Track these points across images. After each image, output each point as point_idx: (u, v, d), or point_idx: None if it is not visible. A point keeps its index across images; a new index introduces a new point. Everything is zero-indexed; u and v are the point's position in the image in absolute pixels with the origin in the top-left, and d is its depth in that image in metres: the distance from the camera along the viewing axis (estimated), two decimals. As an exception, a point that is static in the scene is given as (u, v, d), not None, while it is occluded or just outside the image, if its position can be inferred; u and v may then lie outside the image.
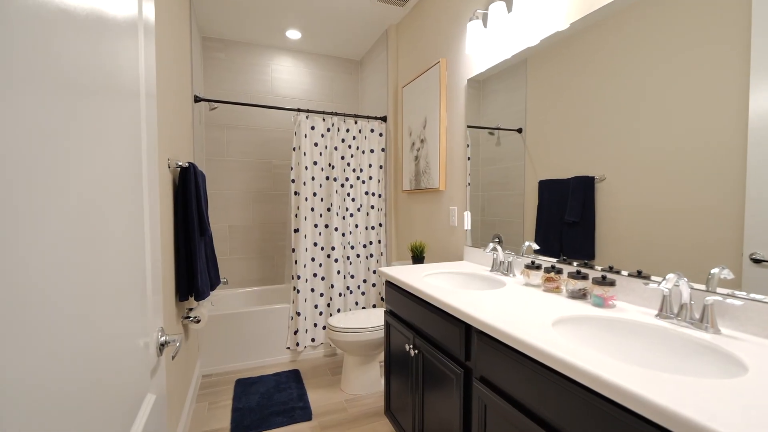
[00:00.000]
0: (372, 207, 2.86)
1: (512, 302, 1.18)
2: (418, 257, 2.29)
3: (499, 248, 1.63)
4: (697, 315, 0.96)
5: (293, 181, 2.65)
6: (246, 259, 3.23)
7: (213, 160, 3.11)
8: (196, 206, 1.77)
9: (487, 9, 1.83)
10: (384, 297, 2.84)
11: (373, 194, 2.86)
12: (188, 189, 1.73)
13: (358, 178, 2.84)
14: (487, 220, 1.85)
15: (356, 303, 2.86)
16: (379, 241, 2.91)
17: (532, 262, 1.43)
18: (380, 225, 2.91)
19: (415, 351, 1.44)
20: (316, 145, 2.68)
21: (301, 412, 2.00)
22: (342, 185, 2.80)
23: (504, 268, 1.62)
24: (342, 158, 2.79)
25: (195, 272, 1.74)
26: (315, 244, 2.70)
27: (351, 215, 2.82)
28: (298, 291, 2.63)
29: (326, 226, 2.75)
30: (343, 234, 2.80)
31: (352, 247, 2.83)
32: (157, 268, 0.79)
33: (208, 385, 2.34)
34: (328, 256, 2.75)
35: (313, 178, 2.68)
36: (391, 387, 1.73)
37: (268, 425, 1.90)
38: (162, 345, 0.77)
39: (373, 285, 2.90)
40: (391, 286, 1.71)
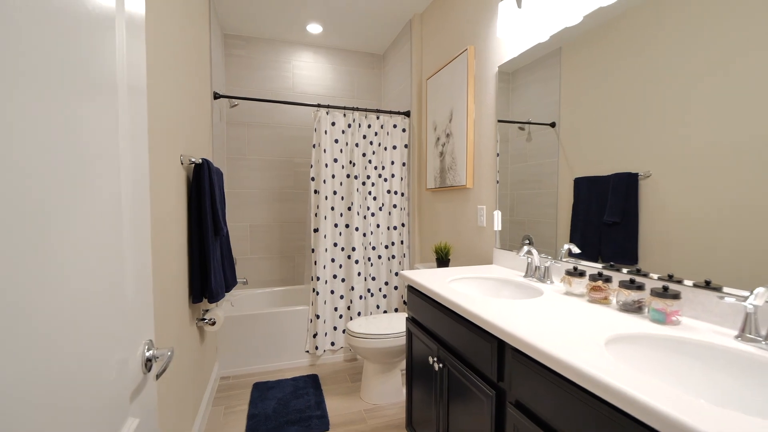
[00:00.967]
0: (394, 206, 2.74)
1: (553, 315, 1.02)
2: (443, 260, 2.14)
3: (534, 251, 1.46)
4: (794, 339, 0.77)
5: (313, 179, 2.56)
6: (266, 259, 3.18)
7: (234, 159, 3.07)
8: (210, 204, 1.70)
9: (521, -12, 1.66)
10: (406, 301, 2.70)
11: (396, 193, 2.74)
12: (202, 186, 1.66)
13: (380, 176, 2.72)
14: (517, 220, 1.70)
15: (377, 306, 2.74)
16: (402, 242, 2.77)
17: (574, 268, 1.25)
18: (403, 225, 2.77)
19: (440, 365, 1.30)
20: (337, 142, 2.58)
21: (318, 422, 1.90)
22: (363, 183, 2.69)
23: (540, 274, 1.45)
24: (363, 155, 2.68)
25: (208, 273, 1.67)
26: (335, 245, 2.61)
27: (372, 215, 2.70)
28: (318, 293, 2.54)
29: (347, 226, 2.65)
30: (364, 234, 2.68)
31: (374, 248, 2.71)
32: (145, 268, 0.70)
33: (226, 388, 2.28)
34: (349, 257, 2.65)
35: (334, 176, 2.59)
36: (413, 400, 1.60)
37: (284, 434, 1.81)
38: (149, 360, 0.68)
39: (395, 288, 2.77)
40: (414, 292, 1.57)
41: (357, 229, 2.63)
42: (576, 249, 1.38)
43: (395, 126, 2.72)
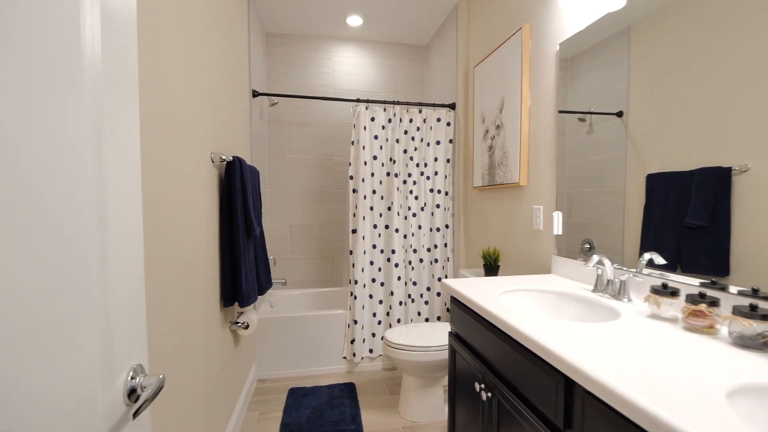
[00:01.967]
0: (437, 206, 2.54)
1: (639, 347, 0.79)
2: (492, 266, 1.92)
3: (607, 261, 1.21)
4: None
5: (351, 178, 2.44)
6: (306, 259, 3.13)
7: (275, 158, 3.05)
8: (242, 203, 1.63)
9: (589, -52, 1.41)
10: (449, 309, 2.50)
11: (439, 191, 2.54)
12: (233, 185, 1.60)
13: (422, 174, 2.54)
14: (575, 223, 1.47)
15: (418, 314, 2.56)
16: (446, 245, 2.57)
17: (664, 285, 1.00)
18: (447, 227, 2.57)
19: (489, 394, 1.10)
20: (376, 138, 2.44)
21: (353, 438, 1.77)
22: (404, 182, 2.52)
23: (613, 289, 1.20)
24: (404, 152, 2.52)
25: (239, 276, 1.60)
26: (374, 247, 2.47)
27: (414, 215, 2.53)
28: (356, 297, 2.42)
29: (386, 227, 2.50)
30: (405, 236, 2.52)
31: (415, 251, 2.54)
32: (135, 274, 0.59)
33: (262, 392, 2.23)
34: (388, 260, 2.49)
35: (373, 175, 2.45)
36: (456, 423, 1.41)
37: (316, 449, 1.70)
38: (133, 390, 0.57)
39: (438, 294, 2.57)
40: (458, 304, 1.38)
41: (397, 231, 2.47)
42: (660, 259, 1.12)
43: (439, 120, 2.52)
